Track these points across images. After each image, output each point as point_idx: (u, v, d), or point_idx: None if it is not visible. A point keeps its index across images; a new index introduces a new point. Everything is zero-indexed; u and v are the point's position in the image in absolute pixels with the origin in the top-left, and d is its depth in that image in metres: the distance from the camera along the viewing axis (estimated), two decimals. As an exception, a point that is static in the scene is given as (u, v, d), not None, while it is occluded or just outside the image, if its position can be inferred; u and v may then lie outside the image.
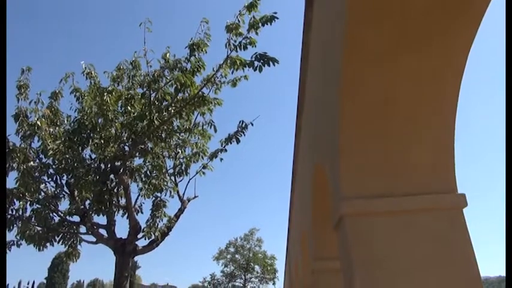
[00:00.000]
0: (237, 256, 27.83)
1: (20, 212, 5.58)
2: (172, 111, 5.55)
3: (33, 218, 5.68)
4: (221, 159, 6.37)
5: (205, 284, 29.96)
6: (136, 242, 5.90)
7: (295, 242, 16.18)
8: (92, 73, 5.87)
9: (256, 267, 27.26)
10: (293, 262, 18.86)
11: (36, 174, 5.39)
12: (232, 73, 5.36)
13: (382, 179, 5.27)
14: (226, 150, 6.26)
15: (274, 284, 28.22)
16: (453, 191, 5.15)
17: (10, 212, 5.50)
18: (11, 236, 5.64)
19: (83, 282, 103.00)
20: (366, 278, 4.80)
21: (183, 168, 6.36)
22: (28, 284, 73.47)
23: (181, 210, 6.37)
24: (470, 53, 4.05)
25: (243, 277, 27.31)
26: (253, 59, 4.96)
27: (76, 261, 6.25)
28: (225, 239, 54.95)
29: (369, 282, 4.77)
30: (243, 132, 6.13)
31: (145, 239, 5.98)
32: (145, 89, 5.47)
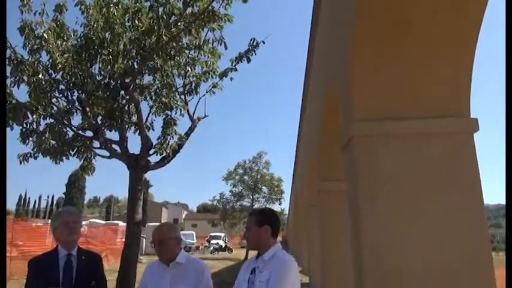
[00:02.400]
0: (245, 177, 28.75)
1: (35, 126, 5.70)
2: (181, 26, 5.35)
3: (47, 132, 5.80)
4: (231, 78, 6.27)
5: (215, 203, 31.41)
6: (148, 158, 6.07)
7: (303, 163, 16.63)
8: (96, -17, 5.59)
9: (264, 188, 28.29)
10: (299, 183, 19.58)
11: (47, 88, 5.40)
12: (245, -13, 5.05)
13: (393, 102, 5.21)
14: (236, 70, 6.14)
15: (280, 204, 29.51)
16: (465, 115, 5.09)
17: (25, 126, 5.62)
18: (27, 148, 5.83)
19: (99, 198, 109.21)
20: (371, 198, 4.96)
21: (192, 87, 6.30)
22: (48, 197, 78.12)
23: (191, 129, 6.45)
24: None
25: (251, 197, 28.49)
26: (267, -30, 4.63)
27: (91, 175, 6.51)
28: (234, 161, 56.59)
29: (373, 203, 4.95)
30: (254, 51, 5.95)
31: (156, 155, 6.16)
32: (152, 2, 5.23)
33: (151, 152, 6.03)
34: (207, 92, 6.36)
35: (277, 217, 2.60)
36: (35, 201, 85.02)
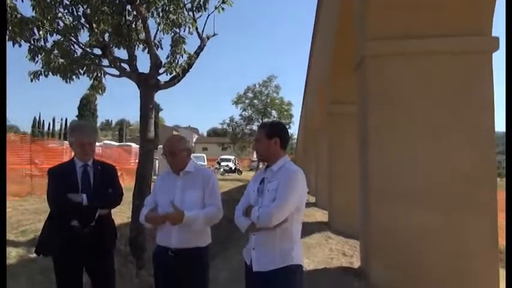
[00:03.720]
0: (255, 101, 28.81)
1: (42, 43, 5.61)
2: None
3: (55, 50, 5.73)
4: (241, -7, 5.97)
5: (225, 126, 31.86)
6: (158, 78, 6.04)
7: (313, 87, 16.44)
8: None
9: (273, 112, 28.47)
10: (309, 107, 19.56)
11: (52, 2, 5.22)
12: None
13: (410, 20, 4.98)
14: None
15: (289, 128, 29.83)
16: (486, 33, 4.87)
17: (32, 42, 5.54)
18: (37, 66, 5.82)
19: (111, 121, 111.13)
20: (381, 119, 4.97)
21: (201, 2, 6.03)
22: (61, 120, 79.74)
23: (200, 48, 6.30)
24: None
25: (261, 121, 28.79)
26: None
27: (102, 94, 6.53)
28: (244, 85, 56.14)
29: (382, 123, 4.97)
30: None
31: (166, 75, 6.11)
32: None
33: (160, 71, 5.97)
34: (216, 9, 6.09)
35: (286, 130, 2.65)
36: (49, 124, 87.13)
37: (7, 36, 4.99)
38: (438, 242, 4.71)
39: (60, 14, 5.54)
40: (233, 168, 36.60)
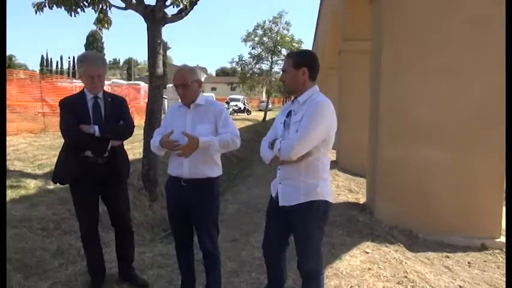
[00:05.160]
0: (264, 39, 27.84)
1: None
2: None
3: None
4: None
5: (233, 65, 31.21)
6: (165, 10, 5.84)
7: (325, 23, 15.86)
8: None
9: (283, 51, 27.54)
10: (320, 44, 19.01)
11: None
12: None
13: None
14: None
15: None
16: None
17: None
18: (41, -2, 5.63)
19: (119, 60, 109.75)
20: (395, 52, 4.83)
21: None
22: (69, 58, 79.09)
23: (208, -22, 6.02)
24: None
25: (270, 59, 28.07)
26: None
27: (108, 28, 6.37)
28: (253, 22, 54.29)
29: (396, 57, 4.83)
30: None
31: (173, 7, 5.90)
32: None
33: (167, 3, 5.76)
34: None
35: (315, 59, 2.43)
36: (57, 62, 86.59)
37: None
38: (444, 179, 4.78)
39: None
40: (242, 108, 36.54)
